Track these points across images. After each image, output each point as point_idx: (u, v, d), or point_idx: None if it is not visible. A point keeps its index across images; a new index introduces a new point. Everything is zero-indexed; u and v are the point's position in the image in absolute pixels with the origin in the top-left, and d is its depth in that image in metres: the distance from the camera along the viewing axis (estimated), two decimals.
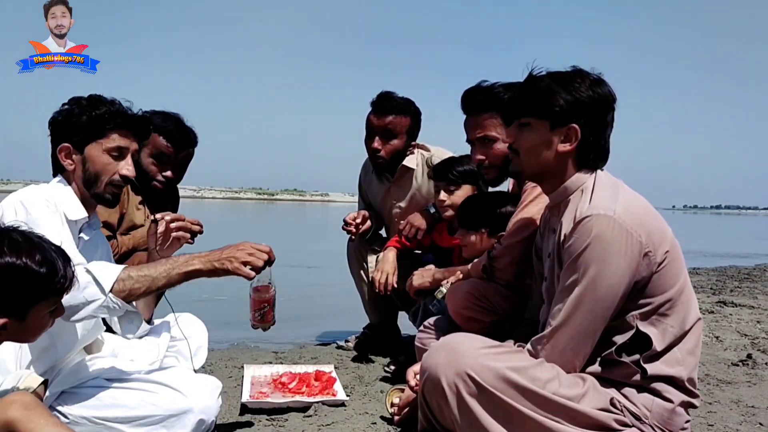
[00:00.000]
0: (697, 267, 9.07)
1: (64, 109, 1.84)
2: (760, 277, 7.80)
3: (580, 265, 1.52)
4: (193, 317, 2.35)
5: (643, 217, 1.56)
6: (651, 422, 1.59)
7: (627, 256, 1.50)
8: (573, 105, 1.60)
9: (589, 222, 1.51)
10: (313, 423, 2.13)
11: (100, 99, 1.86)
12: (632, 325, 1.59)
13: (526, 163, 1.72)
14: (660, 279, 1.57)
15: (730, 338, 3.79)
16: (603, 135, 1.65)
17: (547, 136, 1.65)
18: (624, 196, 1.59)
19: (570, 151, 1.64)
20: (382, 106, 2.95)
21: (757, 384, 2.79)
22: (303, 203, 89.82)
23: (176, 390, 1.72)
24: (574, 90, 1.61)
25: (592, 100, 1.61)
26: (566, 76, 1.65)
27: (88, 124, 1.81)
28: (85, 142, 1.82)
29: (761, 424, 2.26)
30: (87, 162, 1.83)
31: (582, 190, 1.65)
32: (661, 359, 1.60)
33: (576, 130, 1.62)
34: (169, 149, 2.54)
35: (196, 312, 2.39)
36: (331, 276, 7.53)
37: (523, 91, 1.71)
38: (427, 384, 1.60)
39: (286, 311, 5.64)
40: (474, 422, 1.50)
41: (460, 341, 1.60)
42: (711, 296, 5.77)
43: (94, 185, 1.84)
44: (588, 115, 1.61)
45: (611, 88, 1.65)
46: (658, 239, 1.56)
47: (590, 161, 1.67)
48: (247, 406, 2.22)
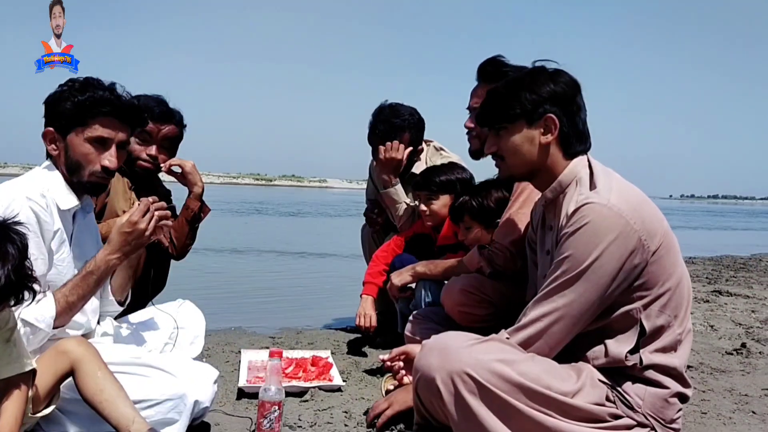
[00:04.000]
0: (693, 256, 9.11)
1: (56, 91, 1.78)
2: (755, 267, 7.85)
3: (574, 252, 1.53)
4: (192, 306, 2.34)
5: (638, 205, 1.57)
6: (644, 411, 1.60)
7: (621, 243, 1.51)
8: (542, 98, 1.66)
9: (584, 210, 1.53)
10: (309, 408, 2.14)
11: (88, 83, 1.77)
12: (636, 318, 1.59)
13: (513, 165, 1.74)
14: (657, 269, 1.57)
15: (725, 327, 3.82)
16: (578, 118, 1.70)
17: (527, 132, 1.68)
18: (618, 184, 1.61)
19: (553, 141, 1.67)
20: (381, 133, 2.95)
21: (750, 373, 2.81)
22: (301, 188, 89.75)
23: (172, 375, 1.72)
24: (538, 86, 1.66)
25: (558, 89, 1.66)
26: (526, 76, 1.70)
27: (71, 110, 1.73)
28: (67, 129, 1.75)
29: (754, 412, 2.28)
30: (69, 149, 1.76)
31: (577, 181, 1.66)
32: (657, 349, 1.61)
33: (553, 119, 1.65)
34: (149, 126, 2.43)
35: (194, 297, 2.39)
36: (330, 264, 7.55)
37: (490, 101, 1.74)
38: (420, 383, 1.62)
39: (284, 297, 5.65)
40: (472, 418, 1.51)
41: (450, 340, 1.61)
42: (706, 285, 5.80)
43: (75, 173, 1.77)
44: (559, 102, 1.66)
45: (571, 75, 1.70)
46: (652, 228, 1.57)
47: (574, 147, 1.69)
48: (244, 390, 2.23)
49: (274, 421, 1.71)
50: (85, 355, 1.55)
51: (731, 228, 22.90)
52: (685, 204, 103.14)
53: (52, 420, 1.64)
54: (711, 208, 64.00)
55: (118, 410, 1.51)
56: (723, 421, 2.18)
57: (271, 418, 1.71)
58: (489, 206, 2.35)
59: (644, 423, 1.60)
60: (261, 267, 7.35)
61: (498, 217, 2.25)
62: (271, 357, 1.78)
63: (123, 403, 1.53)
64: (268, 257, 8.31)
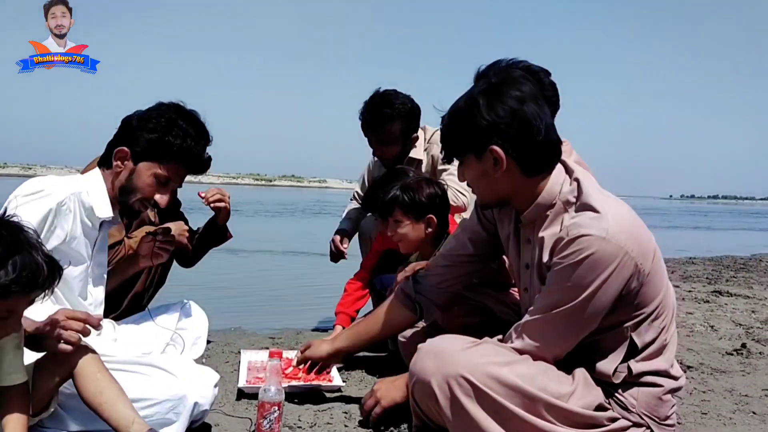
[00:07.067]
0: (693, 256, 9.10)
1: (145, 116, 1.83)
2: (755, 267, 7.84)
3: (571, 285, 1.50)
4: (196, 307, 2.34)
5: (632, 229, 1.54)
6: (638, 411, 1.61)
7: (621, 274, 1.49)
8: (481, 131, 1.57)
9: (582, 242, 1.48)
10: (309, 408, 2.14)
11: (177, 124, 1.84)
12: (626, 336, 1.60)
13: (480, 195, 1.74)
14: (648, 288, 1.57)
15: (725, 327, 3.82)
16: (530, 139, 1.56)
17: (478, 166, 1.62)
18: (612, 208, 1.53)
19: (508, 169, 1.59)
20: (368, 122, 2.96)
21: (751, 373, 2.80)
22: (300, 189, 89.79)
23: (173, 375, 1.72)
24: (475, 119, 1.57)
25: (496, 119, 1.55)
26: (463, 107, 1.62)
27: (155, 144, 1.81)
28: (142, 157, 1.83)
29: (754, 413, 2.27)
30: (134, 174, 1.83)
31: (563, 203, 1.60)
32: (646, 358, 1.62)
33: (496, 151, 1.56)
34: None
35: (194, 297, 2.39)
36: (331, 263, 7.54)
37: (442, 136, 1.71)
38: (416, 387, 1.61)
39: (284, 297, 5.64)
40: (469, 422, 1.51)
41: (445, 344, 1.61)
42: (706, 285, 5.80)
43: (126, 195, 1.85)
44: (499, 132, 1.56)
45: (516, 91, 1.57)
46: (647, 250, 1.55)
47: (535, 168, 1.61)
48: (244, 391, 2.23)
49: (273, 422, 1.71)
50: (86, 358, 1.56)
51: (731, 228, 22.90)
52: (686, 204, 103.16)
53: (52, 417, 1.65)
54: (711, 208, 64.04)
55: (117, 412, 1.51)
56: (723, 421, 2.18)
57: (271, 419, 1.71)
58: (420, 201, 2.39)
59: (639, 423, 1.61)
60: (261, 267, 7.35)
61: (429, 211, 2.33)
62: (270, 357, 1.78)
63: (123, 404, 1.53)
64: (269, 257, 8.32)
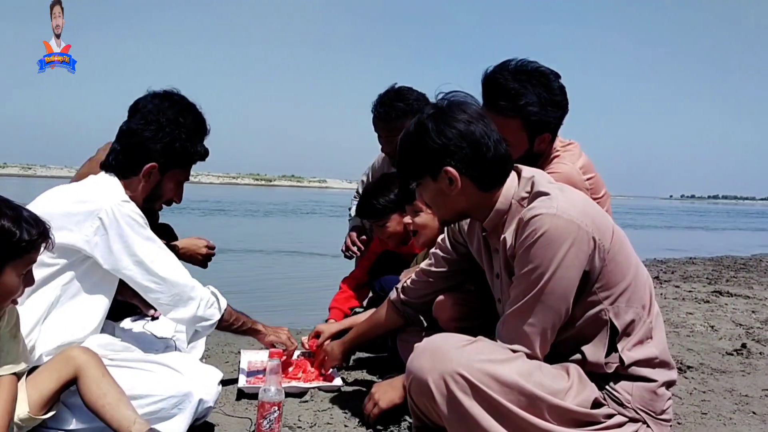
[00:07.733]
0: (693, 256, 9.11)
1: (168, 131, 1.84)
2: (755, 267, 7.85)
3: (532, 266, 1.52)
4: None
5: (584, 207, 1.57)
6: (633, 406, 1.61)
7: (579, 249, 1.50)
8: (433, 153, 1.61)
9: (535, 222, 1.51)
10: (309, 408, 2.14)
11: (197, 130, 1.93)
12: (605, 319, 1.60)
13: (439, 213, 1.77)
14: (614, 267, 1.58)
15: (725, 327, 3.82)
16: (481, 156, 1.60)
17: (435, 186, 1.66)
18: (563, 192, 1.59)
19: (464, 186, 1.63)
20: (380, 116, 2.97)
21: (751, 373, 2.81)
22: (300, 189, 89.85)
23: (179, 372, 1.73)
24: (426, 141, 1.61)
25: (446, 142, 1.60)
26: (415, 131, 1.65)
27: (181, 155, 1.89)
28: (169, 168, 1.90)
29: (754, 413, 2.28)
30: (162, 183, 1.91)
31: (519, 201, 1.64)
32: (635, 343, 1.63)
33: (450, 171, 1.61)
34: None
35: None
36: (331, 263, 7.56)
37: (397, 159, 1.74)
38: (413, 386, 1.61)
39: (284, 297, 5.64)
40: (466, 419, 1.51)
41: (441, 342, 1.61)
42: (707, 286, 5.80)
43: (152, 201, 1.93)
44: (451, 153, 1.60)
45: (466, 110, 1.62)
46: (603, 225, 1.58)
47: (490, 182, 1.65)
48: (244, 391, 2.23)
49: (273, 422, 1.71)
50: (89, 362, 1.59)
51: (732, 228, 22.90)
52: (686, 204, 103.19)
53: (55, 415, 1.65)
54: (712, 209, 64.02)
55: (119, 413, 1.54)
56: (723, 421, 2.18)
57: (271, 419, 1.71)
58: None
59: (635, 418, 1.61)
60: (261, 267, 7.36)
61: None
62: (270, 357, 1.78)
63: (124, 406, 1.56)
64: (269, 257, 8.32)
